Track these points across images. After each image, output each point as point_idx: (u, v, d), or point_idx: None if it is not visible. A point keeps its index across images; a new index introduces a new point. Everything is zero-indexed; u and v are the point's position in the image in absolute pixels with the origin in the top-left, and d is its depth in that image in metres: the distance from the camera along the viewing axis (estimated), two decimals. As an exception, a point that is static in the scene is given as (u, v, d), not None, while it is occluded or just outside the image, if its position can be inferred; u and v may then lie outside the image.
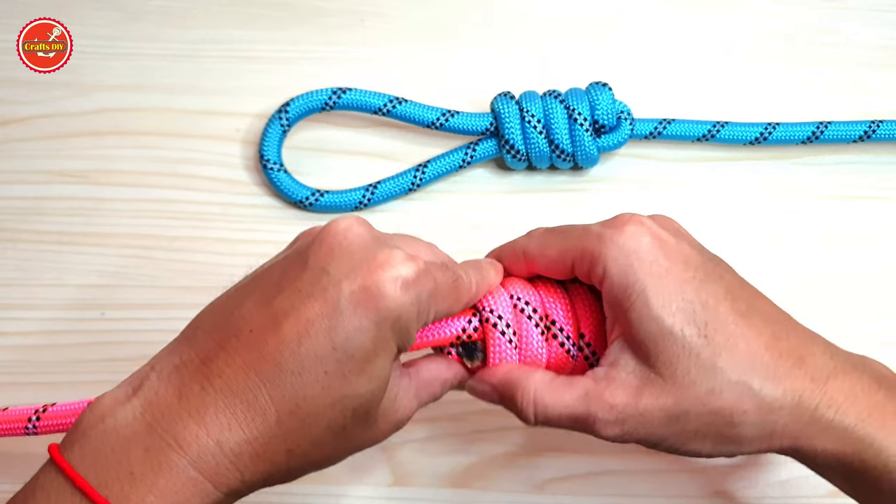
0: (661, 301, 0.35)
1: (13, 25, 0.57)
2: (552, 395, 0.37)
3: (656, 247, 0.36)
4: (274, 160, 0.55)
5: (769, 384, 0.34)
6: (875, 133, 0.56)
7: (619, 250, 0.36)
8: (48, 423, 0.40)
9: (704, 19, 0.60)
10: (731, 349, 0.34)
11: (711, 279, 0.36)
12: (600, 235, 0.36)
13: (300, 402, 0.33)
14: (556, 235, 0.39)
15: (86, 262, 0.55)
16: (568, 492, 0.52)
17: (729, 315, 0.35)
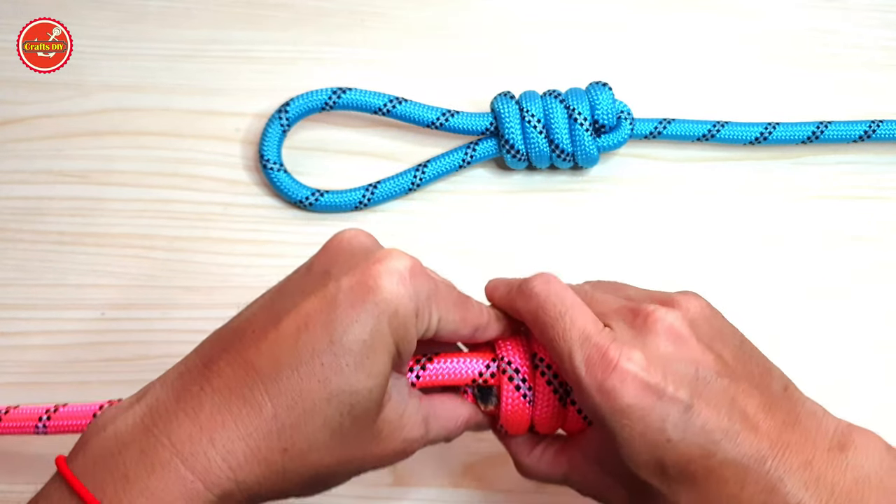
0: (629, 454, 0.35)
1: (13, 25, 0.57)
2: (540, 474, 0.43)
3: (634, 408, 0.35)
4: (274, 160, 0.55)
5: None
6: (875, 133, 0.56)
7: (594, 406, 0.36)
8: (58, 424, 0.41)
9: (704, 19, 0.60)
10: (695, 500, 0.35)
11: (690, 433, 0.35)
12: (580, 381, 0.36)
13: (296, 397, 0.33)
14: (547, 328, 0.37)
15: (86, 262, 0.55)
16: (568, 492, 0.52)
17: (698, 472, 0.35)
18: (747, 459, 0.34)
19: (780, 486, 0.34)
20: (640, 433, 0.35)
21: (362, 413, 0.35)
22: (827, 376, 0.52)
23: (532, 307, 0.38)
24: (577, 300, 0.37)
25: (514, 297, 0.39)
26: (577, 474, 0.40)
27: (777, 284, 0.55)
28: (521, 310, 0.39)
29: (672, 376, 0.35)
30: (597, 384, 0.35)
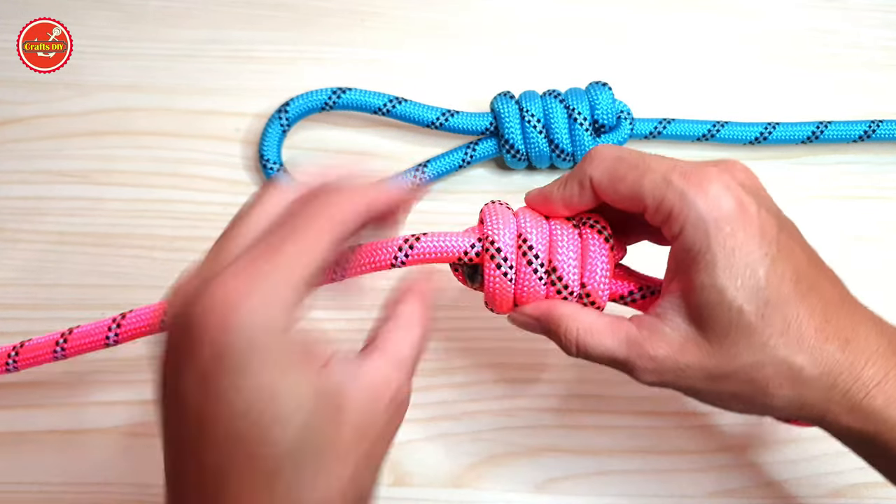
0: (728, 274, 0.35)
1: (13, 25, 0.57)
2: (593, 338, 0.38)
3: (736, 216, 0.35)
4: (274, 160, 0.55)
5: (811, 365, 0.35)
6: (875, 133, 0.56)
7: (698, 215, 0.35)
8: (127, 331, 0.42)
9: (704, 20, 0.60)
10: (783, 330, 0.35)
11: (782, 256, 0.36)
12: (683, 194, 0.35)
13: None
14: (630, 170, 0.37)
15: (86, 262, 0.55)
16: (568, 492, 0.52)
17: (790, 296, 0.35)
18: (828, 296, 0.36)
19: (859, 326, 0.36)
20: (742, 242, 0.35)
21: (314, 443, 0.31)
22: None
23: (607, 163, 0.37)
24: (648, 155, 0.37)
25: (580, 169, 0.38)
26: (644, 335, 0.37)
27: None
28: (590, 172, 0.38)
29: (762, 203, 0.36)
30: (703, 192, 0.35)
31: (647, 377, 0.37)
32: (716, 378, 0.36)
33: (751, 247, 0.35)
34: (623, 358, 0.37)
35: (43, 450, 0.52)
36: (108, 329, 0.43)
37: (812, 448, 0.50)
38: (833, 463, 0.51)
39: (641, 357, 0.37)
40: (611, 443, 0.52)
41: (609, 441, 0.52)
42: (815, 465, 0.51)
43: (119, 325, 0.43)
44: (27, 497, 0.51)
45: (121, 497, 0.52)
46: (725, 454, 0.52)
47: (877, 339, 0.36)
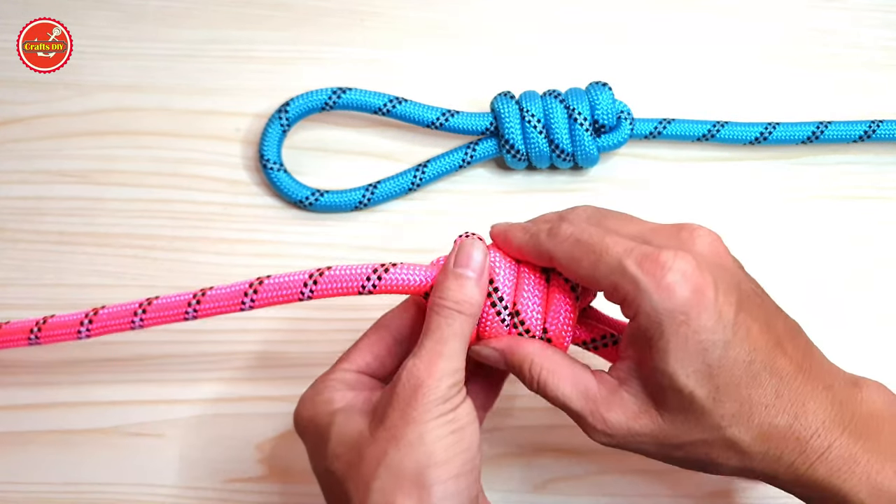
0: (681, 361, 0.36)
1: (13, 25, 0.57)
2: (553, 381, 0.39)
3: (692, 304, 0.35)
4: (274, 160, 0.55)
5: (758, 442, 0.36)
6: (875, 133, 0.56)
7: (652, 307, 0.36)
8: (152, 317, 0.42)
9: (704, 20, 0.60)
10: (734, 412, 0.36)
11: (738, 339, 0.36)
12: (636, 284, 0.36)
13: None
14: (587, 254, 0.37)
15: (86, 262, 0.55)
16: (568, 492, 0.52)
17: (742, 379, 0.36)
18: (781, 372, 0.36)
19: (808, 401, 0.36)
20: (695, 332, 0.35)
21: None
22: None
23: (566, 245, 0.38)
24: (612, 233, 0.38)
25: (541, 241, 0.39)
26: (602, 394, 0.38)
27: (777, 284, 0.55)
28: (551, 250, 0.39)
29: (721, 282, 0.36)
30: (655, 282, 0.35)
31: (597, 436, 0.38)
32: (666, 447, 0.38)
33: (704, 334, 0.35)
34: (577, 410, 0.38)
35: (43, 450, 0.52)
36: (134, 314, 0.43)
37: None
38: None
39: (595, 416, 0.38)
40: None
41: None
42: (815, 465, 0.51)
43: (145, 311, 0.43)
44: (27, 497, 0.52)
45: (121, 497, 0.52)
46: (725, 454, 0.52)
47: (824, 410, 0.37)
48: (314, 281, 0.41)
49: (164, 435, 0.52)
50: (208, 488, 0.52)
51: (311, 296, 0.41)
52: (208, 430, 0.52)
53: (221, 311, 0.42)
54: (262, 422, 0.52)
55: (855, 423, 0.37)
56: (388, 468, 0.36)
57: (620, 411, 0.37)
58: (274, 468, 0.52)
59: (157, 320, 0.43)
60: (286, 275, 0.41)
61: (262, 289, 0.41)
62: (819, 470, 0.36)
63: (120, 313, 0.43)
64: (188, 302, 0.42)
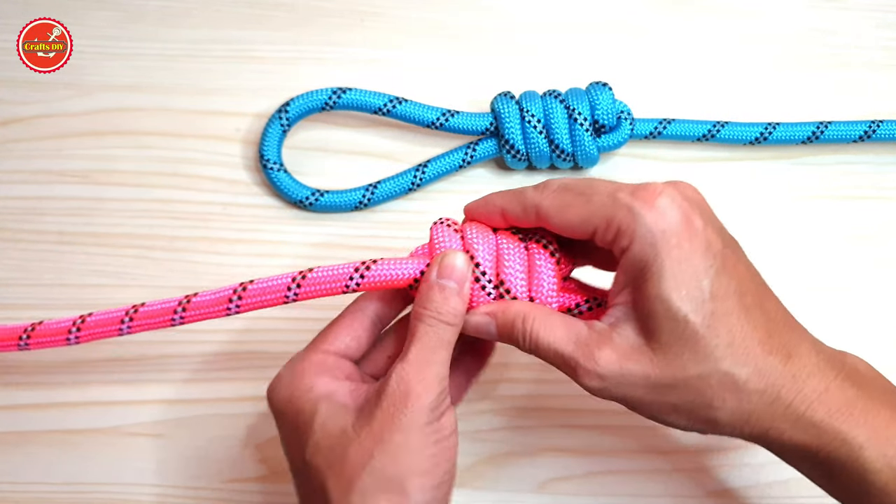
0: (674, 284, 0.36)
1: (13, 25, 0.57)
2: (545, 330, 0.39)
3: (683, 229, 0.36)
4: (274, 160, 0.55)
5: (754, 378, 0.36)
6: (875, 133, 0.56)
7: (646, 228, 0.36)
8: (139, 324, 0.43)
9: (704, 20, 0.60)
10: (728, 342, 0.36)
11: (727, 270, 0.37)
12: (630, 209, 0.36)
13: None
14: (577, 197, 0.38)
15: (86, 262, 0.55)
16: (568, 492, 0.52)
17: (734, 309, 0.36)
18: (771, 314, 0.37)
19: (800, 344, 0.37)
20: (688, 256, 0.36)
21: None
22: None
23: (554, 193, 0.39)
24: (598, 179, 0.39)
25: (527, 195, 0.39)
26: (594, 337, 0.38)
27: (777, 284, 0.55)
28: (538, 202, 0.39)
29: (706, 217, 0.37)
30: (648, 206, 0.36)
31: (589, 380, 0.38)
32: (659, 388, 0.37)
33: (696, 259, 0.36)
34: (569, 355, 0.38)
35: (43, 450, 0.52)
36: (174, 311, 0.43)
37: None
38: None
39: (586, 359, 0.37)
40: (611, 443, 0.52)
41: (609, 441, 0.52)
42: (815, 465, 0.51)
43: (185, 310, 0.43)
44: (27, 497, 0.52)
45: (120, 497, 0.52)
46: (725, 454, 0.52)
47: (816, 356, 0.37)
48: (297, 284, 0.41)
49: (164, 435, 0.52)
50: (208, 488, 0.52)
51: (296, 298, 0.41)
52: (208, 430, 0.52)
53: (208, 316, 0.42)
54: (262, 422, 0.52)
55: (847, 371, 0.37)
56: (372, 472, 0.36)
57: (612, 351, 0.37)
58: (274, 468, 0.52)
59: (144, 327, 0.43)
60: (270, 278, 0.42)
61: (246, 294, 0.42)
62: (818, 411, 0.36)
63: (107, 320, 0.43)
64: (174, 309, 0.42)
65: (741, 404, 0.36)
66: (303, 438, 0.39)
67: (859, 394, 0.36)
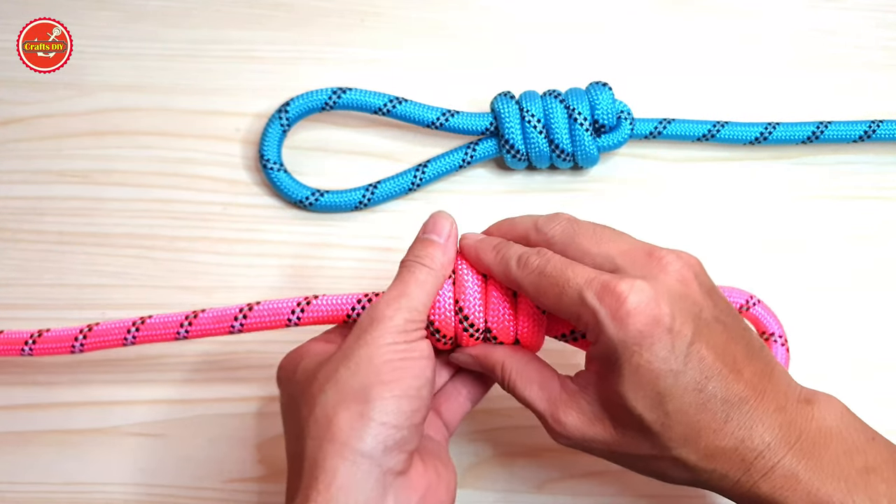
0: (633, 387, 0.37)
1: (13, 25, 0.57)
2: (521, 384, 0.42)
3: (646, 335, 0.37)
4: (274, 160, 0.55)
5: (704, 461, 0.38)
6: (875, 133, 0.56)
7: (608, 337, 0.37)
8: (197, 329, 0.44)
9: (704, 20, 0.60)
10: (681, 435, 0.38)
11: (690, 367, 0.37)
12: (595, 314, 0.38)
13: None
14: (551, 287, 0.39)
15: (86, 262, 0.55)
16: (568, 492, 0.52)
17: (691, 406, 0.37)
18: (733, 398, 0.38)
19: (757, 424, 0.38)
20: (647, 361, 0.37)
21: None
22: (827, 374, 0.52)
23: (532, 277, 0.40)
24: (576, 263, 0.40)
25: (511, 270, 0.41)
26: (564, 398, 0.41)
27: (777, 284, 0.55)
28: (519, 280, 0.41)
29: (679, 312, 0.37)
30: (612, 312, 0.37)
31: (556, 437, 0.41)
32: (618, 455, 0.41)
33: (656, 363, 0.37)
34: (540, 411, 0.41)
35: (43, 450, 0.52)
36: (180, 324, 0.45)
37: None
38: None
39: (555, 420, 0.40)
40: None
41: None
42: (815, 465, 0.51)
43: (191, 324, 0.45)
44: (27, 497, 0.52)
45: (121, 497, 0.52)
46: (725, 454, 0.52)
47: (771, 432, 0.38)
48: (244, 315, 0.44)
49: (164, 435, 0.52)
50: (208, 488, 0.52)
51: (241, 329, 0.44)
52: (208, 430, 0.52)
53: (214, 333, 0.44)
54: (262, 422, 0.52)
55: (801, 442, 0.38)
56: (335, 384, 0.38)
57: (577, 416, 0.40)
58: (274, 468, 0.52)
59: (149, 339, 0.45)
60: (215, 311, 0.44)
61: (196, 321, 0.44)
62: (762, 487, 0.38)
63: (112, 330, 0.45)
64: (180, 323, 0.44)
65: (692, 477, 0.39)
66: (289, 385, 0.41)
67: (808, 466, 0.37)
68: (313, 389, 0.38)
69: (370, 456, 0.36)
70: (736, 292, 0.48)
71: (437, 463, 0.41)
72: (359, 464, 0.36)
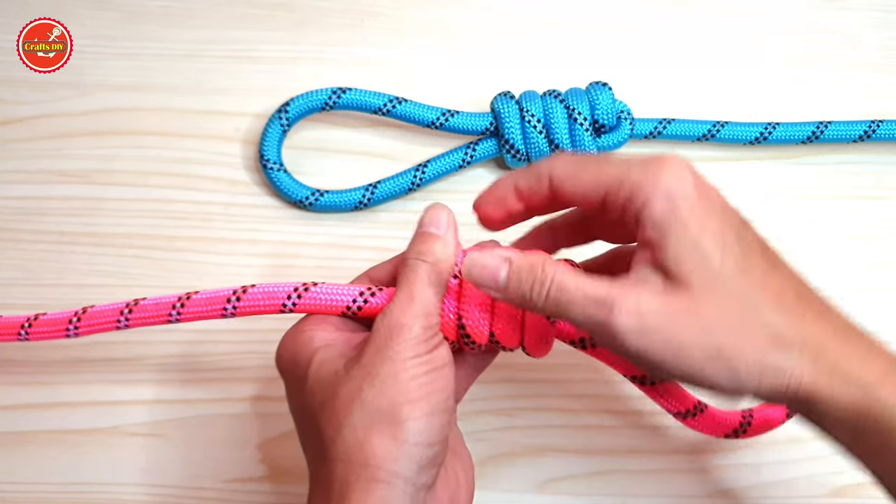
0: (702, 231, 0.35)
1: (13, 25, 0.57)
2: (571, 273, 0.37)
3: (698, 189, 0.36)
4: (274, 160, 0.55)
5: (795, 328, 0.35)
6: (875, 133, 0.56)
7: (663, 186, 0.36)
8: (189, 311, 0.43)
9: (704, 20, 0.60)
10: (763, 287, 0.35)
11: (746, 230, 0.37)
12: (645, 167, 0.36)
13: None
14: (590, 163, 0.38)
15: (86, 262, 0.55)
16: (568, 492, 0.52)
17: (762, 261, 0.36)
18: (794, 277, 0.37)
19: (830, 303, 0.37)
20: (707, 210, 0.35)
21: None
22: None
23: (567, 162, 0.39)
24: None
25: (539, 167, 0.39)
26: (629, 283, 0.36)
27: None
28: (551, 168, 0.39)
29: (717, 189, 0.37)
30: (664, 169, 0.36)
31: (628, 318, 0.35)
32: (699, 331, 0.34)
33: (716, 213, 0.36)
34: (604, 293, 0.35)
35: (43, 450, 0.52)
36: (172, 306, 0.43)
37: (812, 448, 0.50)
38: (833, 463, 0.50)
39: (623, 296, 0.35)
40: (611, 443, 0.52)
41: (609, 441, 0.52)
42: (814, 464, 0.52)
43: (182, 307, 0.43)
44: (27, 497, 0.52)
45: (120, 497, 0.52)
46: (725, 454, 0.52)
47: (844, 319, 0.37)
48: (237, 297, 0.42)
49: (164, 435, 0.52)
50: (208, 488, 0.52)
51: (234, 313, 0.42)
52: (208, 430, 0.52)
53: (205, 316, 0.43)
54: (262, 422, 0.52)
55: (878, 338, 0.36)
56: (362, 404, 0.36)
57: (650, 290, 0.35)
58: (274, 468, 0.52)
59: (142, 321, 0.43)
60: (209, 292, 0.43)
61: (185, 308, 0.43)
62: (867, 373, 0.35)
63: (106, 313, 0.44)
64: (172, 304, 0.43)
65: (786, 356, 0.35)
66: (300, 388, 0.39)
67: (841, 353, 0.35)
68: (336, 408, 0.37)
69: (405, 476, 0.35)
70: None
71: (454, 462, 0.40)
72: (395, 485, 0.35)
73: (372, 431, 0.36)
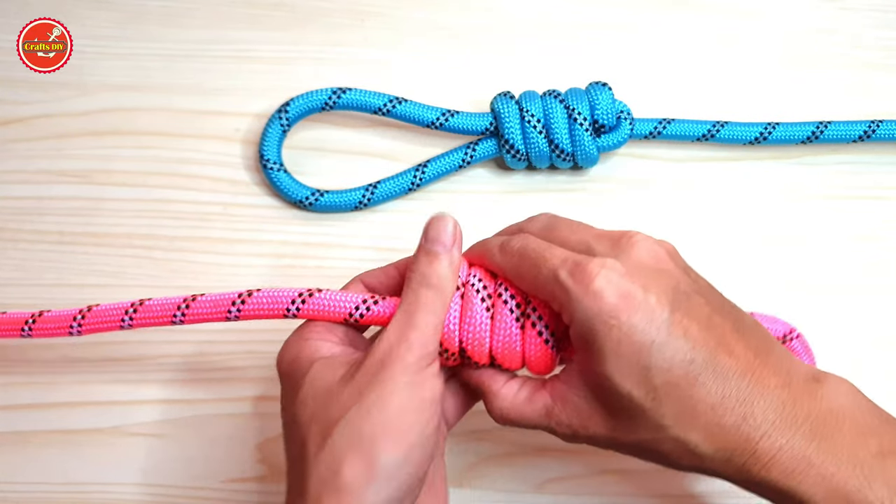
0: (615, 363, 0.36)
1: (13, 25, 0.57)
2: (515, 413, 0.40)
3: (621, 307, 0.36)
4: (274, 160, 0.55)
5: (705, 443, 0.36)
6: (875, 133, 0.56)
7: (583, 313, 0.37)
8: (193, 313, 0.43)
9: (704, 19, 0.60)
10: (677, 412, 0.36)
11: (672, 339, 0.36)
12: (567, 291, 0.37)
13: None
14: (530, 268, 0.39)
15: (86, 262, 0.55)
16: (568, 492, 0.52)
17: (681, 380, 0.36)
18: (726, 371, 0.36)
19: (758, 400, 0.36)
20: (626, 334, 0.36)
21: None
22: (827, 376, 0.52)
23: (513, 260, 0.40)
24: (554, 245, 0.39)
25: (494, 256, 0.41)
26: (558, 407, 0.39)
27: (777, 284, 0.55)
28: (500, 265, 0.41)
29: (654, 286, 0.37)
30: (584, 289, 0.37)
31: (566, 439, 0.40)
32: (622, 445, 0.39)
33: (637, 335, 0.36)
34: (545, 426, 0.40)
35: (43, 450, 0.52)
36: (176, 309, 0.44)
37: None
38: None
39: (559, 425, 0.39)
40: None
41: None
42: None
43: (188, 306, 0.43)
44: (27, 497, 0.52)
45: (120, 497, 0.52)
46: (725, 454, 0.52)
47: (775, 410, 0.36)
48: (242, 301, 0.42)
49: (164, 435, 0.52)
50: (208, 488, 0.52)
51: (238, 317, 0.43)
52: (208, 430, 0.52)
53: (209, 318, 0.43)
54: (262, 422, 0.52)
55: (810, 422, 0.36)
56: (347, 424, 0.37)
57: (576, 416, 0.39)
58: (274, 468, 0.52)
59: (146, 322, 0.44)
60: (213, 295, 0.43)
61: (189, 310, 0.43)
62: (772, 472, 0.36)
63: (110, 311, 0.44)
64: (177, 305, 0.43)
65: (697, 463, 0.37)
66: (294, 396, 0.39)
67: (820, 448, 0.35)
68: (323, 424, 0.37)
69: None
70: (779, 323, 0.46)
71: (430, 499, 0.41)
72: None
73: (348, 456, 0.36)
